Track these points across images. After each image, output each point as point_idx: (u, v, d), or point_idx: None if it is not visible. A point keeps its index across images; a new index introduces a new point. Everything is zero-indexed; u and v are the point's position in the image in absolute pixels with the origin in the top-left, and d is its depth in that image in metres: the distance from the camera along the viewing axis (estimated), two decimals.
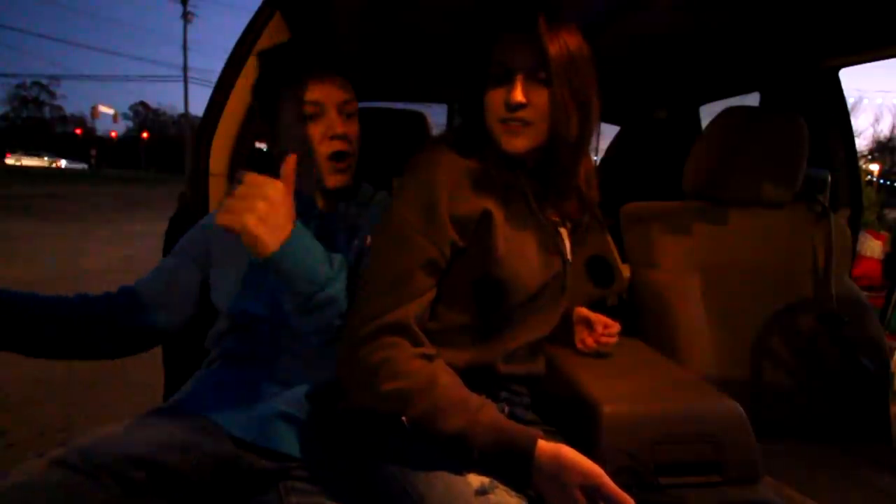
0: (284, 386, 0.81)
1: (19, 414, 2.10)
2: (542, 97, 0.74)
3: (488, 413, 0.65)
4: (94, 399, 2.24)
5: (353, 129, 0.90)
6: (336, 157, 0.87)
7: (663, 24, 1.26)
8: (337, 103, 0.87)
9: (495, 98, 0.75)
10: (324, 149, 0.86)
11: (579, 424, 0.82)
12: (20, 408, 2.15)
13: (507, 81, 0.74)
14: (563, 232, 0.87)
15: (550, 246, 0.81)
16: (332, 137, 0.86)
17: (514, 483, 0.63)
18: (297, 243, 0.68)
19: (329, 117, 0.86)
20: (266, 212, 0.64)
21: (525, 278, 0.76)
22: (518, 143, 0.75)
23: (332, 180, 0.88)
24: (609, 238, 1.39)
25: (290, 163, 0.68)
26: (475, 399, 0.67)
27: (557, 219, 0.85)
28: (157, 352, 1.06)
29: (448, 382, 0.68)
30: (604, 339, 0.96)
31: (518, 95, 0.72)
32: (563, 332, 0.98)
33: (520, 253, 0.76)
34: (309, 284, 0.70)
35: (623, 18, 1.22)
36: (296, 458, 0.78)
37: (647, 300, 1.31)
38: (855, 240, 1.42)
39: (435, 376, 0.67)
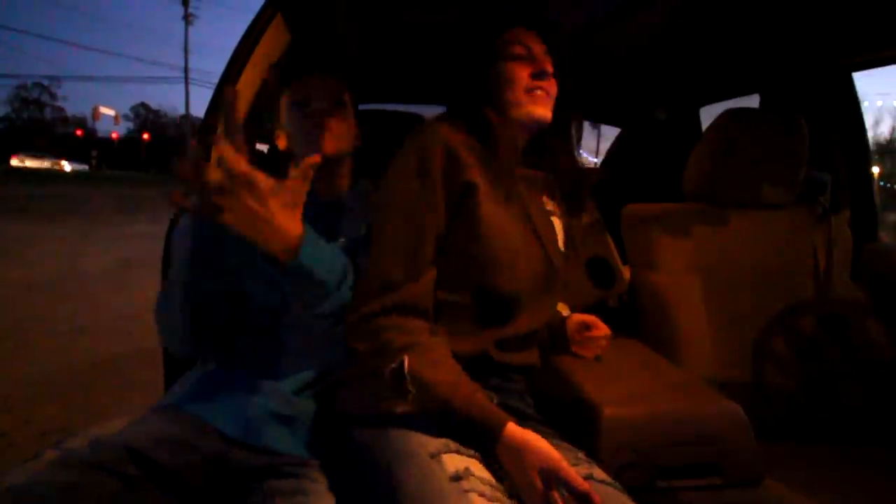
0: (275, 383, 0.81)
1: (20, 414, 2.10)
2: (553, 83, 0.84)
3: (473, 387, 0.68)
4: (94, 399, 2.24)
5: (342, 127, 0.93)
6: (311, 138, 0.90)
7: (663, 25, 1.26)
8: (328, 101, 0.91)
9: (520, 71, 0.82)
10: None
11: (580, 426, 0.82)
12: (20, 408, 2.14)
13: (529, 58, 0.83)
14: (556, 222, 0.88)
15: (541, 232, 0.82)
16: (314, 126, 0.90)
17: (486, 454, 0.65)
18: (310, 247, 0.69)
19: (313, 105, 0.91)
20: (262, 211, 0.62)
21: (506, 259, 0.77)
22: (546, 111, 0.82)
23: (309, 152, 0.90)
24: (609, 239, 1.39)
25: (304, 164, 0.65)
26: (467, 378, 0.70)
27: (551, 208, 0.88)
28: (158, 351, 1.06)
29: (449, 355, 0.72)
30: (593, 347, 0.98)
31: (549, 66, 0.82)
32: (560, 340, 0.99)
33: (502, 232, 0.77)
34: (317, 288, 0.71)
35: (623, 19, 1.23)
36: (284, 455, 0.77)
37: (648, 301, 1.31)
38: (871, 241, 1.41)
39: (440, 345, 0.72)
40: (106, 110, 36.11)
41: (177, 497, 0.69)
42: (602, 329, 0.98)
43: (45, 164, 31.55)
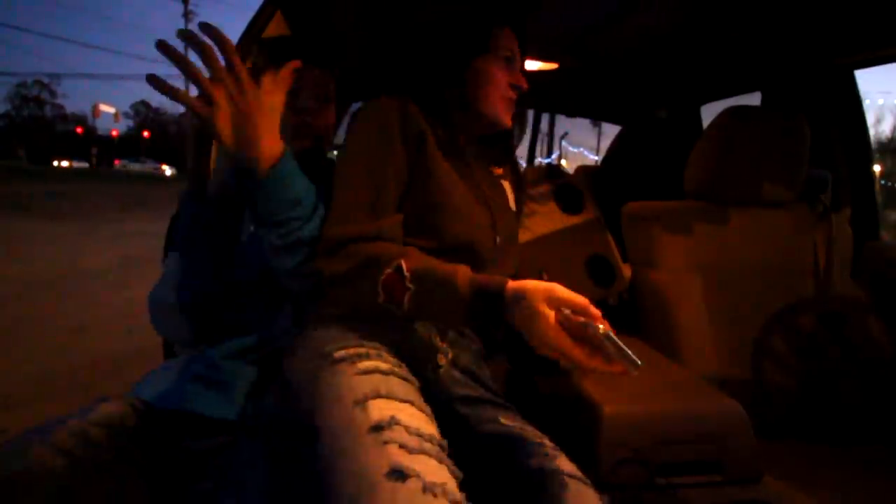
0: (215, 350, 0.80)
1: (20, 412, 2.10)
2: (523, 82, 0.88)
3: (465, 267, 0.70)
4: (94, 398, 2.24)
5: (328, 120, 0.96)
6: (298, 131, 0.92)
7: (665, 23, 1.26)
8: (316, 94, 0.93)
9: (501, 74, 0.85)
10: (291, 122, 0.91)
11: (580, 424, 0.82)
12: (21, 407, 2.15)
13: (512, 66, 0.87)
14: (506, 185, 0.94)
15: (486, 190, 0.85)
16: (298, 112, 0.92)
17: (492, 323, 0.65)
18: (290, 163, 0.70)
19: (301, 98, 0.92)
20: (242, 103, 0.66)
21: (457, 204, 0.79)
22: (509, 121, 0.89)
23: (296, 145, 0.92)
24: (610, 237, 1.39)
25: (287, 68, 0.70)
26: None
27: (500, 172, 0.94)
28: (158, 351, 1.07)
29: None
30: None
31: (525, 83, 0.87)
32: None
33: (451, 182, 0.80)
34: (294, 209, 0.71)
35: (624, 18, 1.22)
36: (213, 419, 0.75)
37: (648, 300, 1.31)
38: (871, 239, 1.41)
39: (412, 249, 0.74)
40: (106, 108, 36.10)
41: (126, 479, 0.67)
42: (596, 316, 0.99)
43: (147, 167, 34.96)
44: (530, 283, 0.63)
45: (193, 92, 0.68)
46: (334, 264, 0.71)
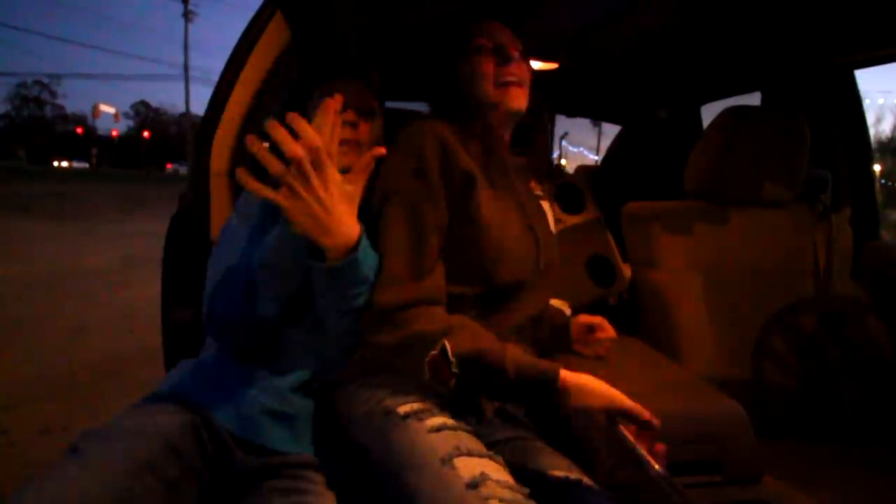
0: (272, 379, 0.80)
1: (20, 412, 2.10)
2: (522, 67, 0.85)
3: (519, 348, 0.70)
4: (95, 398, 2.24)
5: (372, 136, 0.92)
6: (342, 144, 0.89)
7: (665, 23, 1.26)
8: (354, 105, 0.89)
9: (486, 64, 0.83)
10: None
11: (580, 424, 0.82)
12: (22, 406, 2.15)
13: (493, 49, 0.83)
14: (545, 205, 0.92)
15: (533, 221, 0.83)
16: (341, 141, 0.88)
17: (544, 408, 0.66)
18: (364, 246, 0.68)
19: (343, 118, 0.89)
20: (325, 197, 0.62)
21: (508, 249, 0.77)
22: (520, 101, 0.83)
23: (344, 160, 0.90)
24: (610, 237, 1.39)
25: (367, 156, 0.66)
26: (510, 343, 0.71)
27: (539, 192, 0.91)
28: (158, 350, 1.06)
29: (482, 328, 0.72)
30: (595, 347, 0.98)
31: (514, 50, 0.83)
32: (563, 339, 0.99)
33: (501, 223, 0.78)
34: (361, 286, 0.70)
35: (624, 18, 1.22)
36: (282, 454, 0.77)
37: (648, 300, 1.31)
38: (871, 240, 1.41)
39: (470, 321, 0.72)
40: (106, 108, 36.11)
41: (176, 496, 0.68)
42: (608, 331, 0.98)
43: None
44: (590, 384, 0.64)
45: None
46: (380, 335, 0.71)
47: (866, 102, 1.55)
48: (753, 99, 1.66)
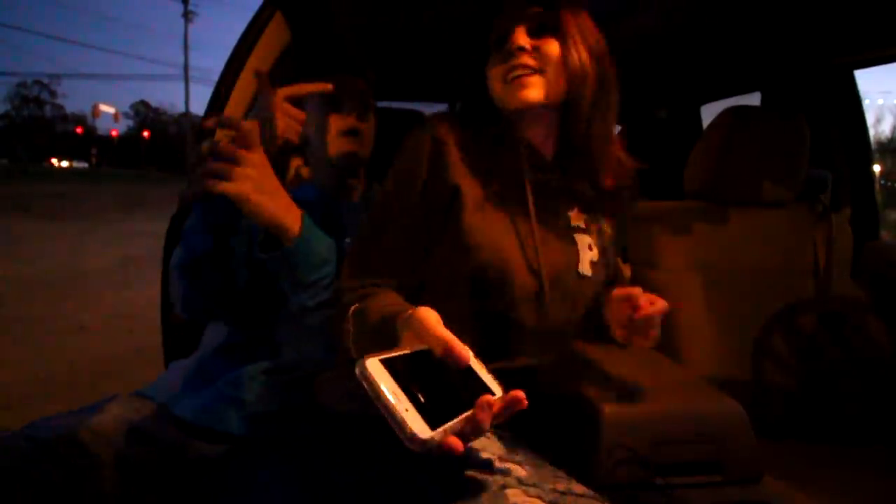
0: (241, 370, 0.80)
1: (19, 412, 2.10)
2: (551, 45, 0.70)
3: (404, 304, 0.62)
4: (95, 398, 2.24)
5: (369, 133, 0.97)
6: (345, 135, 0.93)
7: (665, 23, 1.26)
8: (359, 105, 0.94)
9: (496, 61, 0.71)
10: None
11: (579, 424, 0.82)
12: (22, 406, 2.15)
13: (504, 42, 0.70)
14: (585, 238, 0.76)
15: (541, 249, 0.71)
16: (345, 132, 0.92)
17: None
18: (313, 229, 0.71)
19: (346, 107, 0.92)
20: (262, 183, 0.66)
21: (495, 278, 0.67)
22: (527, 94, 0.68)
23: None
24: None
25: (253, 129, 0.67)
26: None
27: (581, 223, 0.77)
28: (158, 350, 1.07)
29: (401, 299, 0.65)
30: (648, 312, 0.76)
31: (518, 39, 0.68)
32: (598, 327, 0.83)
33: (490, 245, 0.68)
34: (316, 271, 0.72)
35: (624, 18, 1.22)
36: (241, 438, 0.76)
37: None
38: (871, 240, 1.41)
39: (396, 293, 0.67)
40: (106, 108, 36.10)
41: (131, 485, 0.68)
42: (657, 303, 0.76)
43: None
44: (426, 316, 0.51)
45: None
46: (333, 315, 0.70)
47: (866, 103, 1.55)
48: (753, 99, 1.66)
